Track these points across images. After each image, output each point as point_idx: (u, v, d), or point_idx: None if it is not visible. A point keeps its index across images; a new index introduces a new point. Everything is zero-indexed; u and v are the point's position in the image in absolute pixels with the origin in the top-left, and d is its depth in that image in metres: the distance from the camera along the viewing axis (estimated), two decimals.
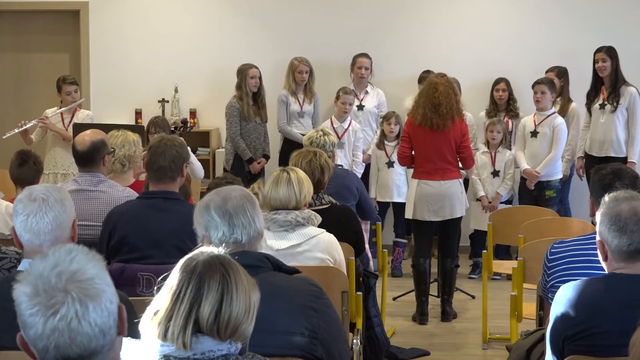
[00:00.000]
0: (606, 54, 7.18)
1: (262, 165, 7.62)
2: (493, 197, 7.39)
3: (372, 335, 4.60)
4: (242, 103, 7.47)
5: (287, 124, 7.74)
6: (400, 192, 7.49)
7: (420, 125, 5.90)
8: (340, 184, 5.23)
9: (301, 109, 7.76)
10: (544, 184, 7.16)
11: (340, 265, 3.79)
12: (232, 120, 7.50)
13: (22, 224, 2.71)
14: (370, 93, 7.90)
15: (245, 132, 7.52)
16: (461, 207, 6.02)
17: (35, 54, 8.63)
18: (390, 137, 7.50)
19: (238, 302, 1.92)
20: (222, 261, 1.96)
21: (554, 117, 7.08)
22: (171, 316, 1.90)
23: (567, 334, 2.66)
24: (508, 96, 7.74)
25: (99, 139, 4.40)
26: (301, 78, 7.72)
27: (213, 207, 2.64)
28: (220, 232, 2.63)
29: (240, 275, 1.96)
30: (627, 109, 7.16)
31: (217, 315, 1.89)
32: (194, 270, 1.93)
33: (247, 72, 7.47)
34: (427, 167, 5.97)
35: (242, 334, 1.94)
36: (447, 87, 5.88)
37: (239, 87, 7.52)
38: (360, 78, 7.82)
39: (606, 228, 2.64)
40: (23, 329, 1.64)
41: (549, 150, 7.08)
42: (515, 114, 7.70)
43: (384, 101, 7.92)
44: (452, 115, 5.86)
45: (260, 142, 7.61)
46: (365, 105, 7.82)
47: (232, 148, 7.56)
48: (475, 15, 8.21)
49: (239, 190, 2.73)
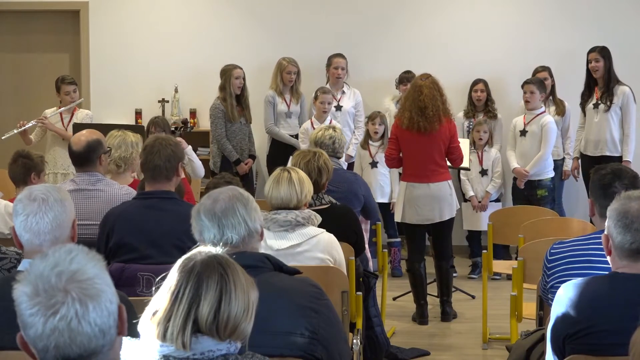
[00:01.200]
0: (599, 54, 7.19)
1: (249, 166, 7.59)
2: (483, 196, 7.41)
3: (372, 335, 4.60)
4: (226, 104, 7.41)
5: (274, 125, 7.72)
6: (384, 193, 7.49)
7: (407, 129, 5.88)
8: (348, 190, 5.19)
9: (288, 109, 7.73)
10: (534, 183, 7.17)
11: (340, 265, 3.79)
12: (217, 122, 7.45)
13: (22, 223, 2.71)
14: (346, 93, 7.87)
15: (230, 133, 7.48)
16: (450, 210, 5.97)
17: (35, 54, 8.63)
18: (374, 137, 7.48)
19: (237, 301, 1.91)
20: (220, 261, 1.96)
21: (542, 116, 7.09)
22: (170, 316, 1.90)
23: (567, 332, 2.66)
24: (486, 97, 7.74)
25: (95, 139, 4.40)
26: (289, 79, 7.69)
27: (202, 210, 2.68)
28: (212, 234, 2.66)
29: (239, 274, 1.96)
30: (621, 108, 7.18)
31: (216, 315, 1.89)
32: (192, 270, 1.93)
33: (231, 73, 7.42)
34: (415, 170, 5.93)
35: (242, 333, 1.94)
36: (432, 90, 5.84)
37: (222, 88, 7.46)
38: (336, 78, 7.78)
39: (613, 223, 2.65)
40: (23, 329, 1.64)
41: (538, 149, 7.09)
42: (494, 114, 7.71)
43: (361, 101, 7.89)
44: (438, 117, 5.83)
45: (245, 143, 7.58)
46: (342, 105, 7.79)
47: (218, 150, 7.51)
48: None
49: (229, 191, 2.73)
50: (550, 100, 7.48)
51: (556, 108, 7.48)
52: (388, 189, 7.48)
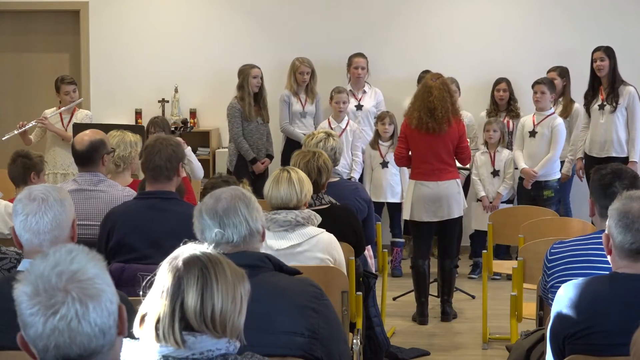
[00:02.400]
0: (604, 53, 7.17)
1: (265, 165, 7.61)
2: (494, 197, 7.40)
3: (372, 335, 4.60)
4: (244, 103, 7.45)
5: (289, 124, 7.74)
6: (394, 192, 7.50)
7: (416, 129, 5.90)
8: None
9: (303, 109, 7.76)
10: (542, 184, 7.16)
11: (340, 264, 3.79)
12: (233, 121, 7.48)
13: (22, 223, 2.71)
14: (368, 92, 7.90)
15: (247, 132, 7.51)
16: (459, 208, 6.01)
17: (35, 54, 8.63)
18: (384, 137, 7.49)
19: (219, 294, 1.92)
20: (201, 257, 1.97)
21: (552, 118, 7.08)
22: (159, 317, 1.91)
23: (567, 332, 2.66)
24: (509, 96, 7.74)
25: (98, 139, 4.40)
26: (302, 79, 7.72)
27: (204, 209, 2.69)
28: (213, 234, 2.67)
29: (223, 267, 1.96)
30: (627, 109, 7.15)
31: (201, 309, 1.90)
32: (174, 268, 1.95)
33: (249, 72, 7.46)
34: (424, 168, 5.96)
35: (234, 328, 1.94)
36: (441, 91, 5.86)
37: (240, 87, 7.49)
38: (357, 78, 7.81)
39: (614, 223, 2.65)
40: (23, 329, 1.64)
41: (547, 150, 7.08)
42: (516, 114, 7.70)
43: (382, 100, 7.92)
44: (447, 118, 5.85)
45: (262, 142, 7.60)
46: (363, 104, 7.83)
47: (235, 149, 7.55)
48: (475, 15, 8.21)
49: (232, 191, 2.74)
50: (559, 101, 7.46)
51: (562, 109, 7.45)
52: (399, 189, 7.48)
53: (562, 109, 7.45)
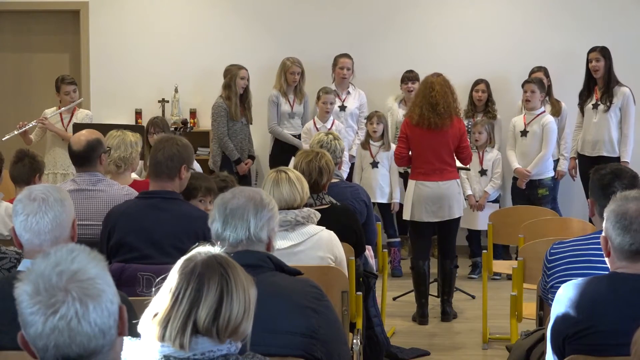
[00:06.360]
0: (600, 53, 7.20)
1: (249, 166, 7.60)
2: (480, 196, 7.42)
3: (372, 335, 4.60)
4: (230, 103, 7.41)
5: (277, 125, 7.72)
6: (384, 193, 7.49)
7: (417, 126, 5.90)
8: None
9: (292, 110, 7.74)
10: (535, 183, 7.19)
11: (341, 262, 3.78)
12: (219, 120, 7.44)
13: (22, 223, 2.71)
14: (352, 94, 7.88)
15: (232, 132, 7.48)
16: (459, 208, 6.02)
17: (35, 54, 8.62)
18: (374, 137, 7.46)
19: (238, 302, 1.91)
20: (220, 261, 1.96)
21: (543, 116, 7.11)
22: (169, 318, 1.89)
23: (567, 332, 2.66)
24: (487, 97, 7.74)
25: (95, 138, 4.40)
26: (293, 79, 7.70)
27: (219, 201, 2.72)
28: (215, 227, 2.69)
29: (239, 273, 1.96)
30: (621, 109, 7.19)
31: (216, 316, 1.89)
32: (193, 271, 1.93)
33: (237, 73, 7.43)
34: (424, 168, 5.96)
35: (242, 334, 1.94)
36: (443, 86, 5.89)
37: (227, 87, 7.45)
38: (341, 78, 7.79)
39: (611, 225, 2.64)
40: (23, 328, 1.64)
41: (539, 149, 7.12)
42: (493, 115, 7.71)
43: (365, 102, 7.91)
44: (449, 113, 5.87)
45: (246, 143, 7.59)
46: (347, 105, 7.80)
47: (218, 149, 7.50)
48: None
49: (252, 193, 2.74)
50: (546, 100, 7.49)
51: (552, 108, 7.48)
52: (388, 189, 7.49)
53: (552, 108, 7.47)
